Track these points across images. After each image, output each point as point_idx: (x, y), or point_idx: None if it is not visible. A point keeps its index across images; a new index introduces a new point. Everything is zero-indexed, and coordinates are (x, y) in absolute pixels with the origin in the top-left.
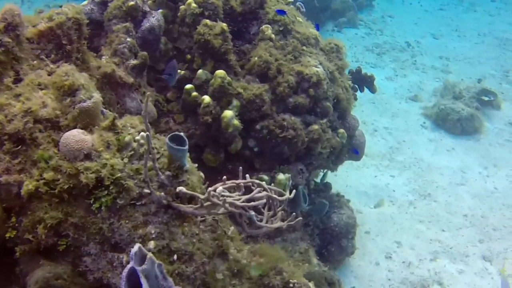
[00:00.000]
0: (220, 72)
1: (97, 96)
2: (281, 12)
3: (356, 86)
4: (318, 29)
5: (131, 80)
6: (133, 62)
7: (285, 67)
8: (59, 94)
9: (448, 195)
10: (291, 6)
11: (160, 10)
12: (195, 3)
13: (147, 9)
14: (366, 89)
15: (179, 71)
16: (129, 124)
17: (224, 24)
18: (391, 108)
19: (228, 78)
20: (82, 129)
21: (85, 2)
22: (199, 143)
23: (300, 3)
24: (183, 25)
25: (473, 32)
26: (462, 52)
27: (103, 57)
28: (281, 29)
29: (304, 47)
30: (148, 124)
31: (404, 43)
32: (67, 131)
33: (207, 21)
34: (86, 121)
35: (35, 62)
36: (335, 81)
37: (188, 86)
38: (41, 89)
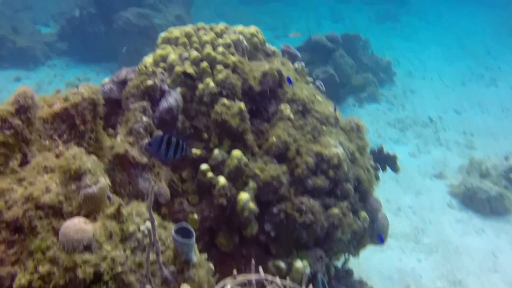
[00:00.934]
0: (236, 153)
1: (103, 181)
2: (289, 80)
3: (378, 165)
4: (335, 111)
5: (145, 160)
6: (147, 141)
7: (304, 147)
8: (65, 178)
9: (481, 282)
10: (311, 85)
11: (179, 89)
12: (213, 82)
13: (166, 88)
14: (388, 168)
15: (194, 150)
16: (135, 211)
17: (242, 104)
18: (415, 185)
19: (244, 158)
20: (86, 216)
21: (106, 80)
22: (213, 226)
23: (320, 81)
24: (201, 104)
25: (496, 107)
26: (486, 127)
27: (118, 135)
28: (300, 108)
29: (324, 127)
30: (153, 215)
31: (427, 118)
32: (69, 218)
33: (225, 100)
34: (91, 207)
35: (47, 142)
36: (356, 162)
37: (204, 166)
38: (47, 173)
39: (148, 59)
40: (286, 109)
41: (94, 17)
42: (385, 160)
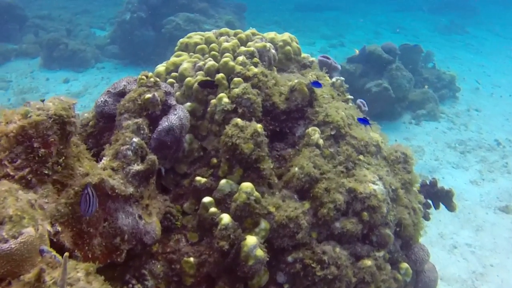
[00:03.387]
0: (245, 186)
1: (30, 233)
2: (316, 84)
3: (430, 202)
4: (367, 123)
5: (130, 190)
6: (136, 168)
7: (333, 182)
8: None
9: None
10: (350, 104)
11: (188, 104)
12: (228, 97)
13: (173, 102)
14: (442, 206)
15: (198, 178)
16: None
17: (259, 126)
18: (475, 219)
19: (256, 193)
20: None
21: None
22: (211, 273)
23: (362, 100)
24: (212, 123)
25: None
26: None
27: (104, 158)
28: (332, 133)
29: (361, 157)
30: None
31: (493, 141)
32: None
33: (238, 120)
34: (6, 269)
35: None
36: (399, 201)
37: (207, 199)
38: None
39: (161, 68)
40: (315, 133)
41: (144, 21)
42: (438, 196)
